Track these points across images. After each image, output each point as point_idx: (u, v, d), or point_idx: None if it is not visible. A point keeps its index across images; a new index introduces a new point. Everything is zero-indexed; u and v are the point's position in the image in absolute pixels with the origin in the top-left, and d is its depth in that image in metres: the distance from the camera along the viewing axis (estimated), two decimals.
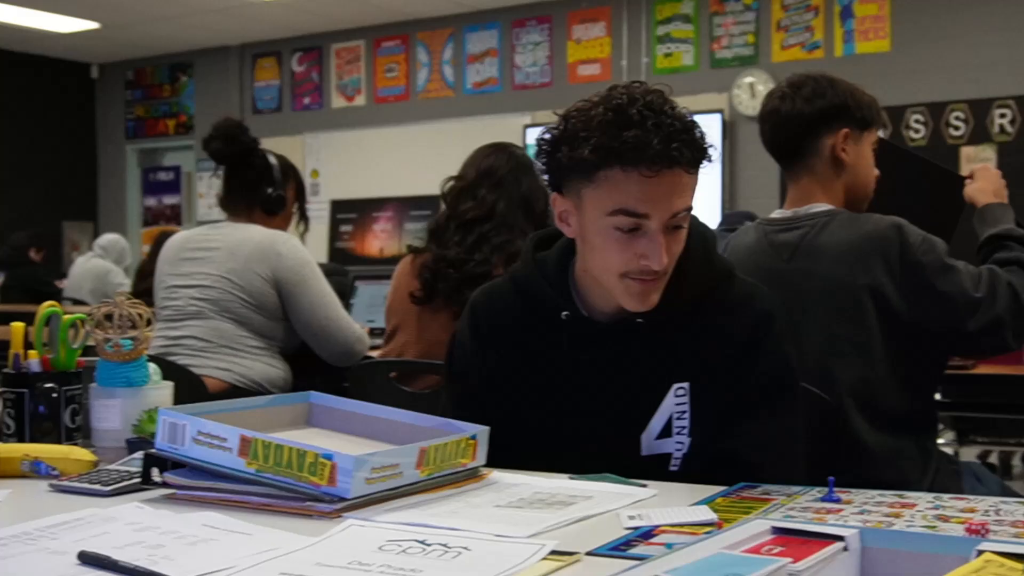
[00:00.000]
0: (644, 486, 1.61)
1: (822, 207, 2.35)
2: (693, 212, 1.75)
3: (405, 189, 9.30)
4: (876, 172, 2.43)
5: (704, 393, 1.76)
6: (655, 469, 1.74)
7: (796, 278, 2.28)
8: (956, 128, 7.52)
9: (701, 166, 1.68)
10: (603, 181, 1.65)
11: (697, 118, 1.70)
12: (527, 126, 8.59)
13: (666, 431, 1.76)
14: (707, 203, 7.65)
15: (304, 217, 3.56)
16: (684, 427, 1.76)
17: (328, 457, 1.44)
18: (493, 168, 3.01)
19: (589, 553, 1.25)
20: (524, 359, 1.84)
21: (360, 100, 10.13)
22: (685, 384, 1.76)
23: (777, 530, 1.09)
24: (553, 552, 1.24)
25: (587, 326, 1.79)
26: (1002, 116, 7.47)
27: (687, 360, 1.76)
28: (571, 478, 1.66)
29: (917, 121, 7.50)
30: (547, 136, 1.72)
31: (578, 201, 1.70)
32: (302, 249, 3.24)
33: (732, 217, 3.90)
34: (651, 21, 8.70)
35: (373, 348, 3.39)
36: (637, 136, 1.61)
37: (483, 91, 9.45)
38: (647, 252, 1.66)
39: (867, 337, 2.22)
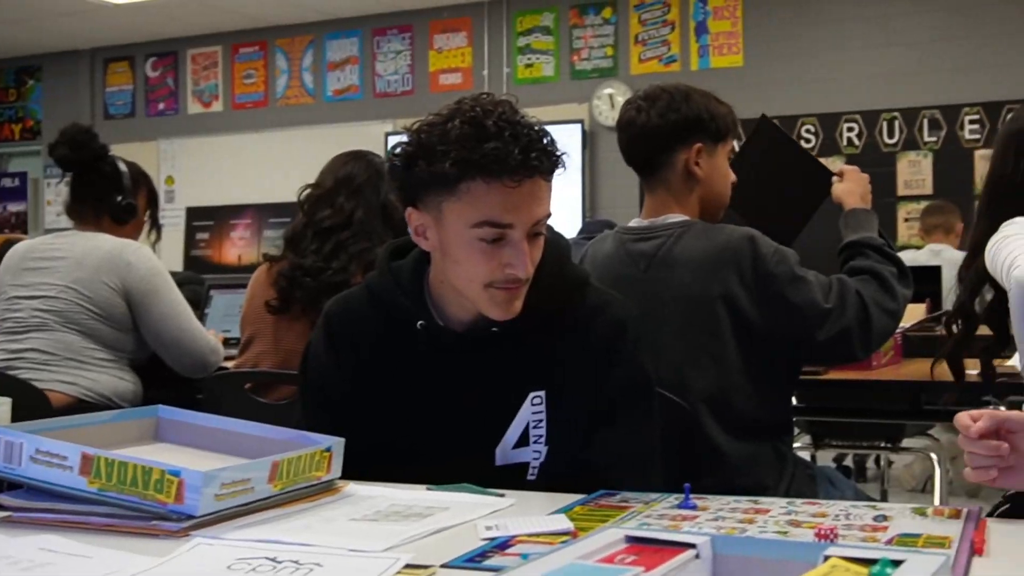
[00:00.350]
0: (502, 496, 1.60)
1: (677, 218, 2.37)
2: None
3: (264, 196, 9.15)
4: (733, 180, 2.45)
5: (560, 401, 1.76)
6: (512, 479, 1.73)
7: (652, 287, 2.30)
8: (807, 141, 7.75)
9: (556, 173, 1.70)
10: (465, 194, 1.64)
11: (557, 128, 1.73)
12: (388, 134, 8.55)
13: (523, 440, 1.76)
14: (567, 212, 7.71)
15: (156, 225, 3.46)
16: (541, 435, 1.76)
17: (175, 473, 1.39)
18: (351, 176, 2.97)
19: (444, 565, 1.24)
20: (380, 369, 1.81)
21: (217, 106, 9.94)
22: (541, 392, 1.76)
23: (631, 539, 1.09)
24: (408, 565, 1.23)
25: (442, 335, 1.78)
26: (850, 130, 7.74)
27: (543, 368, 1.76)
28: (428, 489, 1.65)
29: None
30: (400, 152, 1.71)
31: (438, 215, 1.69)
32: (153, 258, 3.15)
33: (592, 226, 3.93)
34: (512, 32, 8.76)
35: (228, 359, 3.31)
36: (497, 148, 1.61)
37: (344, 98, 9.38)
38: (512, 261, 1.66)
39: (721, 346, 2.26)
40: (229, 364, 3.23)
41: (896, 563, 0.94)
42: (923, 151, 7.59)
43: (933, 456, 3.67)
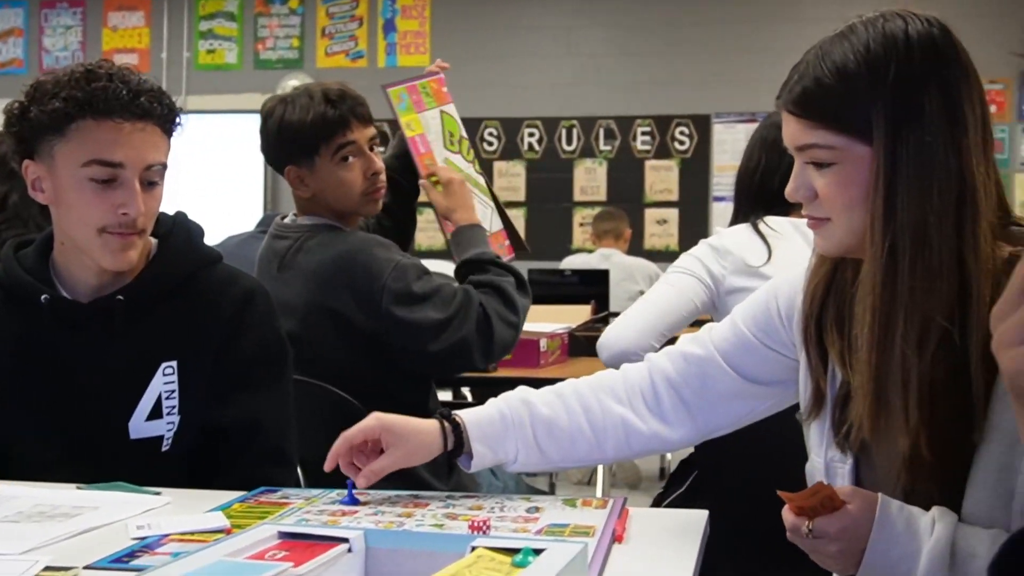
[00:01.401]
0: (158, 494, 1.56)
1: (310, 220, 2.39)
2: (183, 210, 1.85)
3: None
4: (359, 181, 2.39)
5: (193, 370, 1.76)
6: (147, 452, 1.73)
7: (279, 288, 2.28)
8: (490, 144, 7.95)
9: (173, 130, 1.75)
10: (75, 133, 1.67)
11: (240, 117, 1.76)
12: None
13: (156, 412, 1.74)
14: (248, 205, 7.56)
15: None
16: (174, 406, 1.75)
17: None
18: (4, 157, 2.78)
19: (87, 567, 1.20)
20: (10, 357, 1.76)
21: None
22: (173, 362, 1.76)
23: (284, 535, 1.09)
24: (47, 568, 1.19)
25: (69, 308, 1.75)
26: (531, 135, 7.99)
27: (174, 338, 1.77)
28: (79, 488, 1.59)
29: None
30: (16, 104, 1.72)
31: (51, 162, 1.70)
32: None
33: (269, 219, 3.85)
34: (194, 15, 8.48)
35: None
36: (107, 87, 1.66)
37: (5, 72, 8.75)
38: (124, 201, 1.68)
39: (335, 355, 2.28)
40: None
41: (537, 551, 0.98)
42: (599, 159, 7.94)
43: None
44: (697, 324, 3.64)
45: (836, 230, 1.31)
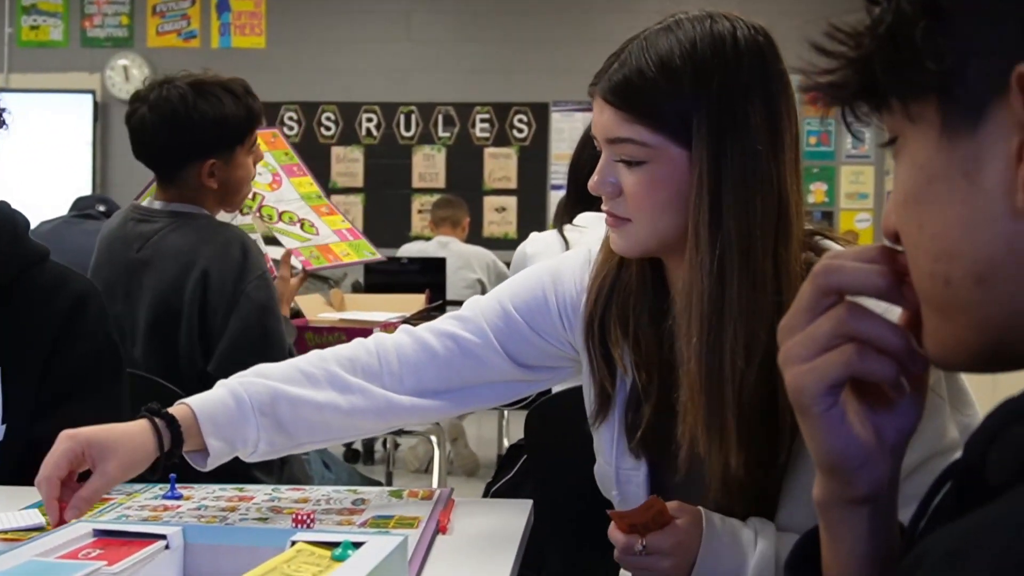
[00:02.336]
0: None
1: (189, 208, 2.34)
2: (5, 200, 1.76)
3: None
4: (253, 169, 2.41)
5: (18, 379, 1.69)
6: None
7: (137, 269, 2.23)
8: (327, 128, 7.87)
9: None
10: None
11: (67, 98, 1.66)
12: None
13: None
14: (76, 187, 7.31)
15: None
16: None
17: None
18: None
19: None
20: None
21: None
22: None
23: (99, 532, 1.06)
24: None
25: None
26: (369, 120, 7.95)
27: None
28: None
29: (291, 119, 7.74)
30: None
31: None
32: None
33: (82, 202, 3.75)
34: None
35: None
36: None
37: None
38: None
39: (184, 343, 2.22)
40: None
41: (357, 545, 0.99)
42: (437, 145, 7.95)
43: (433, 439, 3.86)
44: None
45: (638, 231, 1.26)
